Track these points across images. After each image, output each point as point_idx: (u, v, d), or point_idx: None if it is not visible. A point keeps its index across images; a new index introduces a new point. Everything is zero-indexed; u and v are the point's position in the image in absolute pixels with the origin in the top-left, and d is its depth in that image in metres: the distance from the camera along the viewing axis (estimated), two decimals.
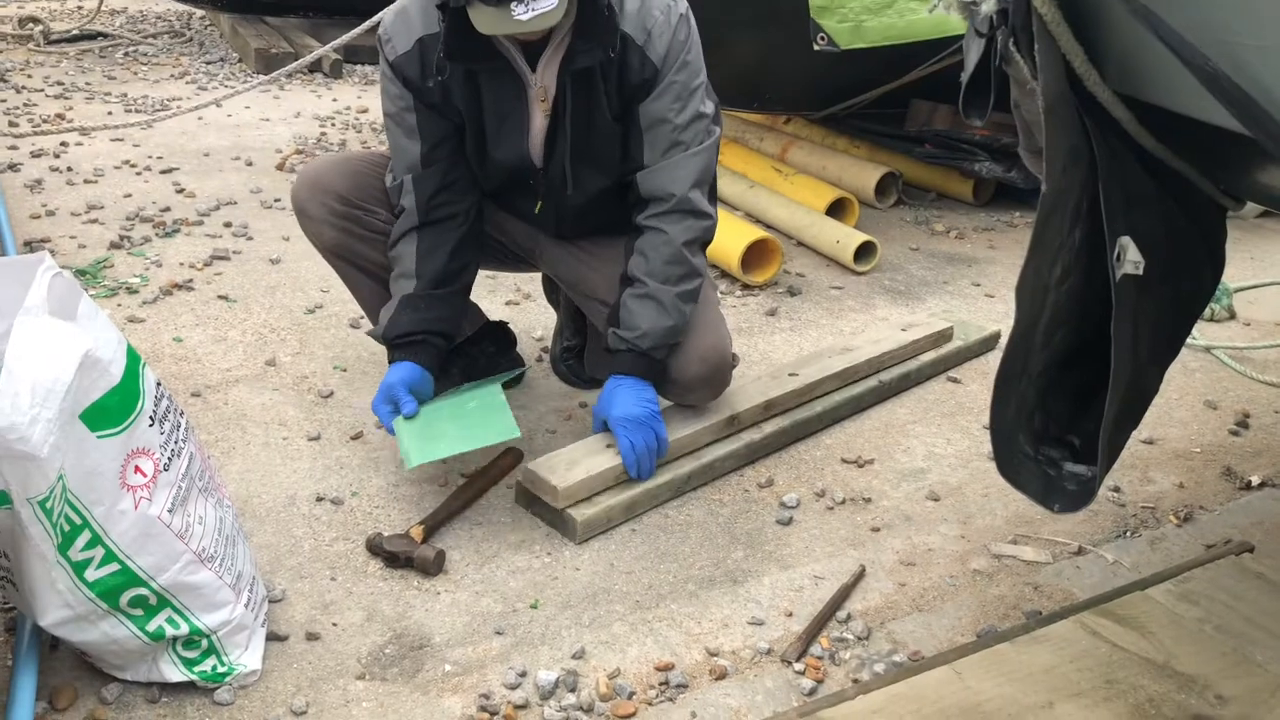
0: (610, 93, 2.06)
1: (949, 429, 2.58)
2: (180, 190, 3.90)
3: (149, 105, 5.06)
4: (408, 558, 1.97)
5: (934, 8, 3.35)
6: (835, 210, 3.76)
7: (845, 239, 3.48)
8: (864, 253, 3.48)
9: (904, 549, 2.12)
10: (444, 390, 2.24)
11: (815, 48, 3.29)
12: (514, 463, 2.27)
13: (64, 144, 4.33)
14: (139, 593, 1.54)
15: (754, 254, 3.30)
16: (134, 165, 4.15)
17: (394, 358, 2.16)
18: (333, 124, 4.96)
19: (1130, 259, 1.42)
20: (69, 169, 4.05)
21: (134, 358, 1.55)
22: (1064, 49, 1.37)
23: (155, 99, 5.18)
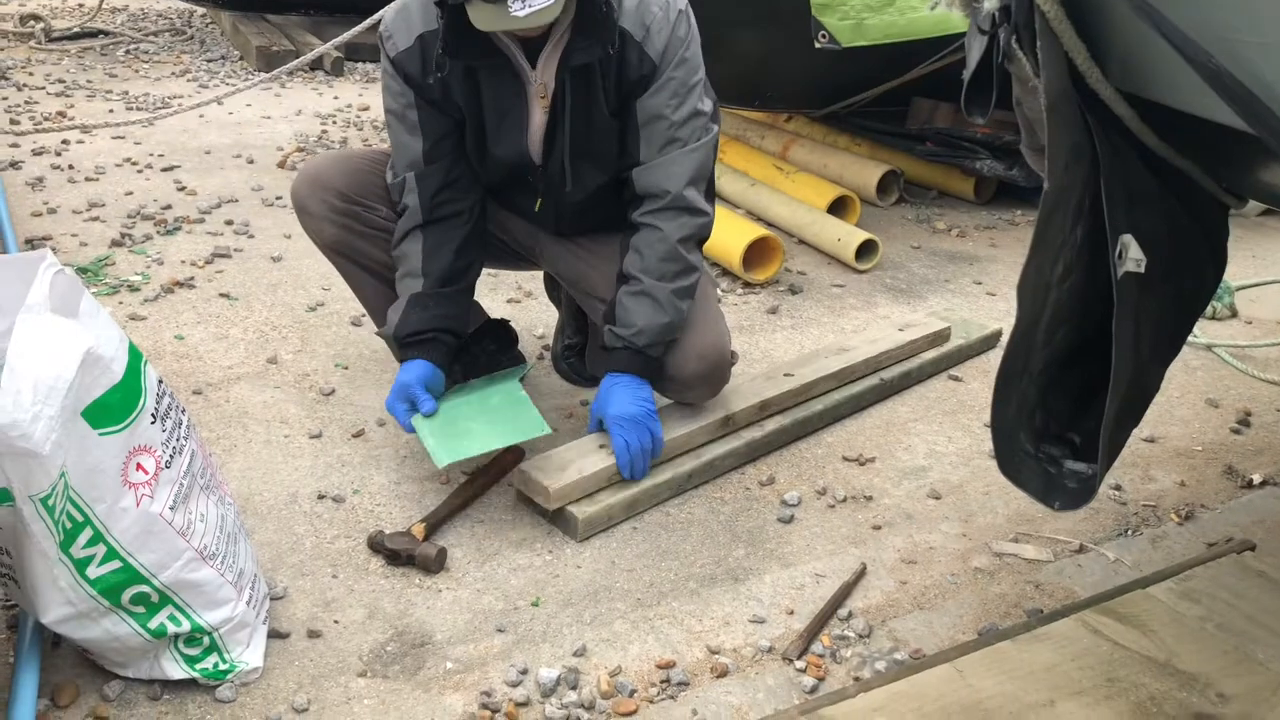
0: (609, 89, 2.06)
1: (950, 427, 2.58)
2: (181, 188, 3.90)
3: (150, 103, 5.06)
4: (409, 555, 1.97)
5: (935, 5, 3.35)
6: (836, 208, 3.77)
7: (847, 237, 3.48)
8: (865, 251, 3.48)
9: (905, 547, 2.12)
10: (449, 387, 2.24)
11: (816, 45, 3.28)
12: (515, 461, 2.27)
13: (65, 142, 4.33)
14: (140, 590, 1.55)
15: (755, 252, 3.30)
16: (135, 163, 4.15)
17: (406, 356, 2.16)
18: (334, 122, 4.96)
19: (1132, 257, 1.42)
20: (70, 167, 4.05)
21: (136, 355, 1.55)
22: (1066, 46, 1.37)
23: (156, 97, 5.18)
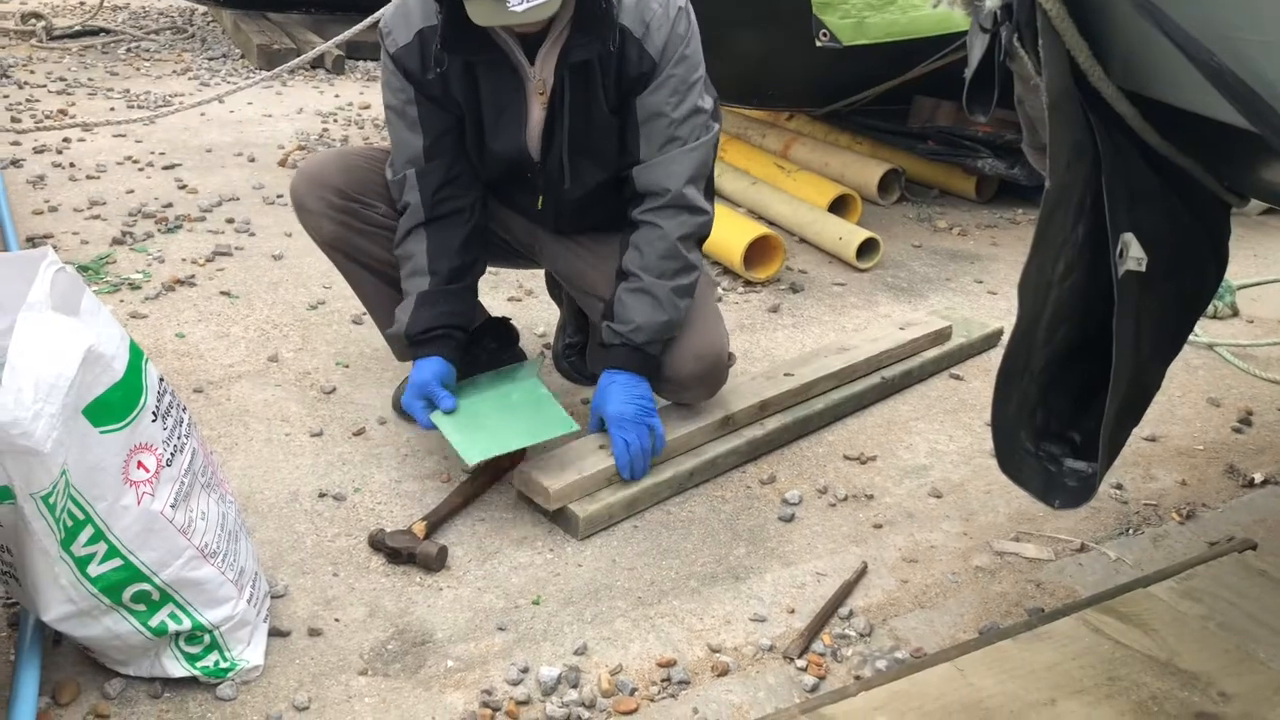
0: (608, 86, 2.05)
1: (951, 426, 2.57)
2: (182, 186, 3.90)
3: (151, 101, 5.06)
4: (410, 554, 1.97)
5: (937, 4, 3.35)
6: (838, 207, 3.76)
7: (848, 236, 3.48)
8: (866, 250, 3.48)
9: (906, 546, 2.12)
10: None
11: (817, 44, 3.28)
12: (516, 459, 2.27)
13: (66, 140, 4.33)
14: (142, 588, 1.55)
15: (756, 251, 3.29)
16: (136, 161, 4.15)
17: (418, 354, 2.16)
18: (335, 120, 4.96)
19: (1133, 255, 1.42)
20: (71, 165, 4.06)
21: (137, 353, 1.55)
22: (1068, 44, 1.37)
23: (158, 95, 5.18)
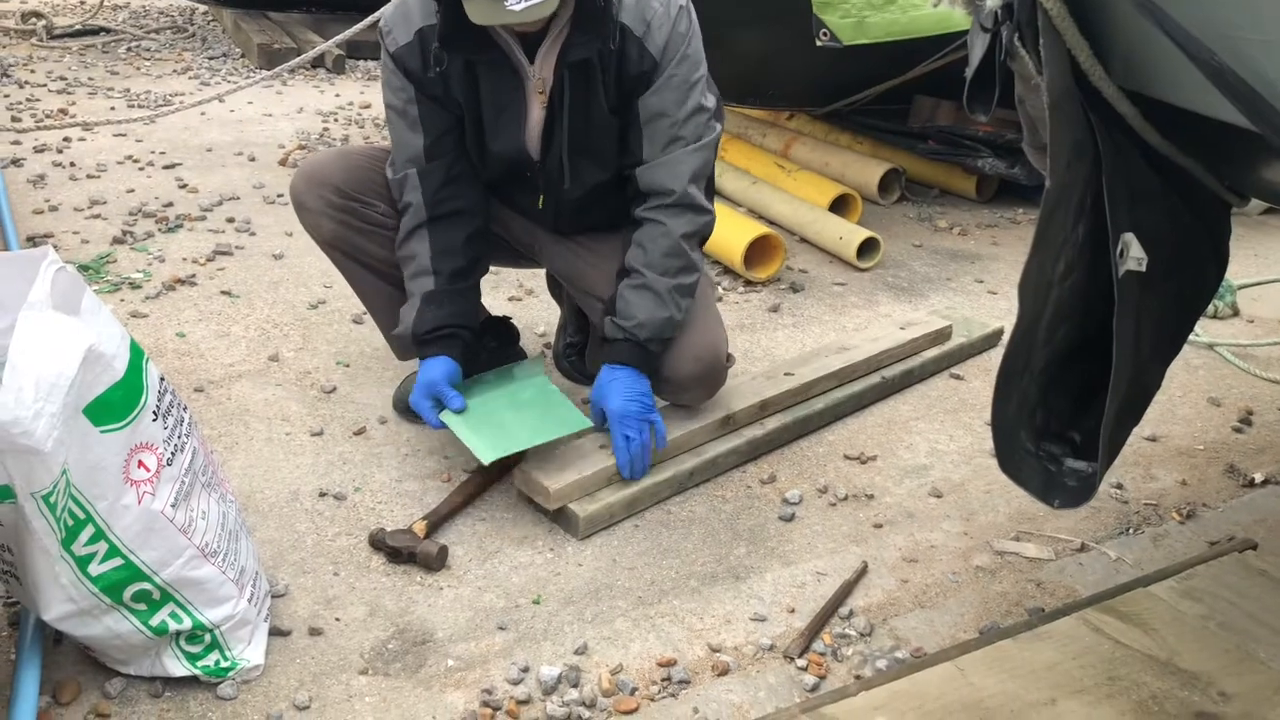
0: (609, 85, 2.05)
1: (952, 425, 2.57)
2: (183, 185, 3.90)
3: (152, 100, 5.06)
4: (410, 553, 1.97)
5: (938, 3, 3.34)
6: (838, 207, 3.76)
7: (848, 235, 3.47)
8: (867, 249, 3.48)
9: (906, 545, 2.12)
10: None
11: (818, 43, 3.28)
12: (516, 458, 2.26)
13: (67, 139, 4.33)
14: (142, 587, 1.55)
15: (757, 250, 3.29)
16: (137, 160, 4.15)
17: (425, 354, 2.16)
18: (335, 119, 4.96)
19: (1133, 255, 1.42)
20: (72, 164, 4.06)
21: (137, 353, 1.55)
22: (1069, 44, 1.37)
23: (158, 94, 5.18)
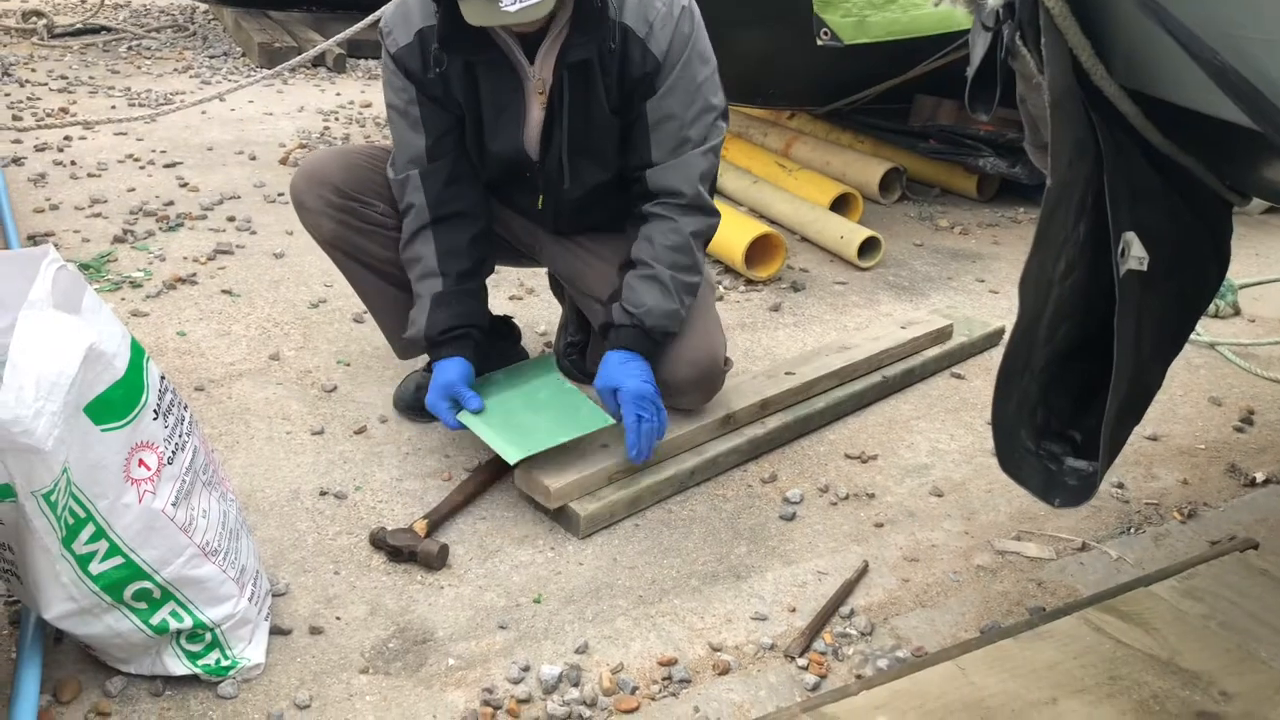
0: (610, 86, 2.05)
1: (953, 425, 2.57)
2: (184, 184, 3.90)
3: (152, 99, 5.06)
4: (411, 552, 1.97)
5: (939, 2, 3.34)
6: (839, 206, 3.76)
7: (849, 234, 3.47)
8: (868, 248, 3.47)
9: (907, 545, 2.12)
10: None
11: (819, 43, 3.28)
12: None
13: (67, 138, 4.33)
14: (143, 586, 1.55)
15: (758, 249, 3.29)
16: (137, 159, 4.15)
17: (439, 355, 2.15)
18: (336, 118, 4.96)
19: (1134, 254, 1.42)
20: (72, 163, 4.06)
21: (138, 351, 1.55)
22: (1071, 43, 1.37)
23: (159, 93, 5.18)
